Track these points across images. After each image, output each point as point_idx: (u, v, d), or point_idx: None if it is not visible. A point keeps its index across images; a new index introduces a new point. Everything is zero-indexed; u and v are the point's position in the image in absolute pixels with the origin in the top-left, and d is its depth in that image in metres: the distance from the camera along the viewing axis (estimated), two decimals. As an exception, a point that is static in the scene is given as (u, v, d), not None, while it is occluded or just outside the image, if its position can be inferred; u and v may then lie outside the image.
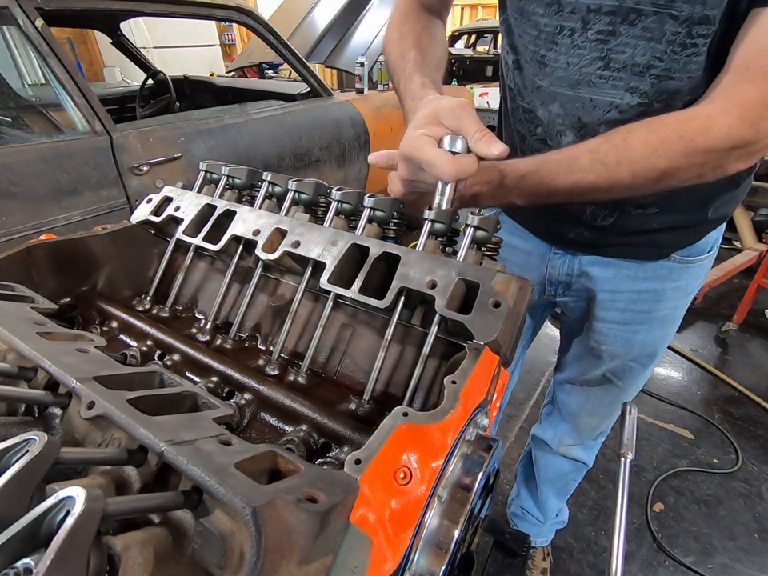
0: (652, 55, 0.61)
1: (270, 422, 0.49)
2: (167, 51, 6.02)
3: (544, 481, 1.34)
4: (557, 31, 0.65)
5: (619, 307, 0.88)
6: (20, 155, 1.54)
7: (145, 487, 0.32)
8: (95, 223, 0.86)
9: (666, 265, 0.83)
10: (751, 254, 2.95)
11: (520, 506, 1.47)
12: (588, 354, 0.98)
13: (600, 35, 0.62)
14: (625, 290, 0.86)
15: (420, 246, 0.58)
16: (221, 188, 0.72)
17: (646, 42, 0.61)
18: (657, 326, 0.90)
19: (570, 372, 1.08)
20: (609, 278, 0.86)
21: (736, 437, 1.96)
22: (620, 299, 0.87)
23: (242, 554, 0.26)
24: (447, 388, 0.39)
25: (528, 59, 0.72)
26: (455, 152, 0.54)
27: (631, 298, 0.87)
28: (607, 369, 0.98)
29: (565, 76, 0.68)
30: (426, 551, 0.33)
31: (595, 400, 1.08)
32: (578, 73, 0.66)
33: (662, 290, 0.85)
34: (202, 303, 0.70)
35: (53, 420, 0.39)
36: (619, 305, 0.88)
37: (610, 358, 0.95)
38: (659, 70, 0.62)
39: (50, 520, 0.22)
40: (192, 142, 1.95)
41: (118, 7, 1.89)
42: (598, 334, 0.93)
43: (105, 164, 1.71)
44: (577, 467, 1.27)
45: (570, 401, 1.13)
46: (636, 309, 0.88)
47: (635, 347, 0.93)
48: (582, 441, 1.18)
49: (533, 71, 0.72)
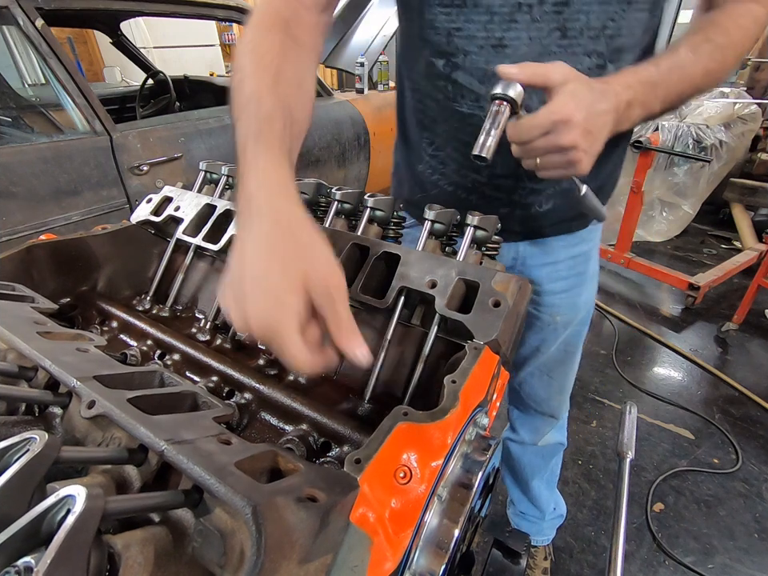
0: (606, 17, 0.65)
1: (269, 422, 0.49)
2: (167, 51, 6.01)
3: (532, 477, 1.35)
4: (515, 9, 0.65)
5: (562, 276, 0.94)
6: (20, 155, 1.54)
7: (145, 486, 0.32)
8: (95, 223, 0.86)
9: (588, 228, 0.91)
10: (751, 254, 2.95)
11: (518, 510, 1.47)
12: (545, 331, 1.02)
13: (556, 6, 0.64)
14: (563, 259, 0.92)
15: (420, 246, 0.59)
16: (221, 188, 0.72)
17: (599, 5, 0.64)
18: (590, 283, 1.00)
19: (531, 360, 1.10)
20: (548, 252, 0.92)
21: (736, 437, 1.96)
22: (561, 268, 0.93)
23: (242, 552, 0.26)
24: (447, 387, 0.39)
25: (475, 50, 0.69)
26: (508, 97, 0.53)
27: (569, 264, 0.93)
28: (563, 340, 1.03)
29: (528, 52, 0.68)
30: (426, 550, 0.34)
31: (559, 377, 1.12)
32: (539, 46, 0.66)
33: (589, 250, 0.95)
34: (202, 303, 0.70)
35: (53, 419, 0.39)
36: (562, 273, 0.93)
37: (564, 328, 1.01)
38: (612, 30, 0.66)
39: (51, 519, 0.22)
40: (192, 141, 1.95)
41: (118, 7, 1.89)
42: (551, 307, 0.97)
43: (105, 164, 1.71)
44: (557, 450, 1.31)
45: (536, 390, 1.15)
46: (575, 272, 0.95)
47: (581, 309, 1.00)
48: (558, 420, 1.23)
49: (486, 59, 0.69)
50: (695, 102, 2.96)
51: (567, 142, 0.55)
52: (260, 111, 0.49)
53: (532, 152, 0.58)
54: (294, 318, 0.37)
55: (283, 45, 0.57)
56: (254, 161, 0.45)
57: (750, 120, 2.92)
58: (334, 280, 0.40)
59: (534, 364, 1.09)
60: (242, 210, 0.44)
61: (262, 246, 0.40)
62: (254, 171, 0.45)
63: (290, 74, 0.56)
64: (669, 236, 3.08)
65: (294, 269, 0.39)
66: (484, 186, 0.79)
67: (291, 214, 0.42)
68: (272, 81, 0.52)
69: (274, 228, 0.41)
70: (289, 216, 0.42)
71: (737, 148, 2.86)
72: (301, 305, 0.38)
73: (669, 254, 3.54)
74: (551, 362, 1.07)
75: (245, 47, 0.57)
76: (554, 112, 0.54)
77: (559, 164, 0.58)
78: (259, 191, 0.43)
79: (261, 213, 0.42)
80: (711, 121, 2.76)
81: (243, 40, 0.58)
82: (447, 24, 0.68)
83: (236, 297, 0.40)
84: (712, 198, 3.09)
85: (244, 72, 0.54)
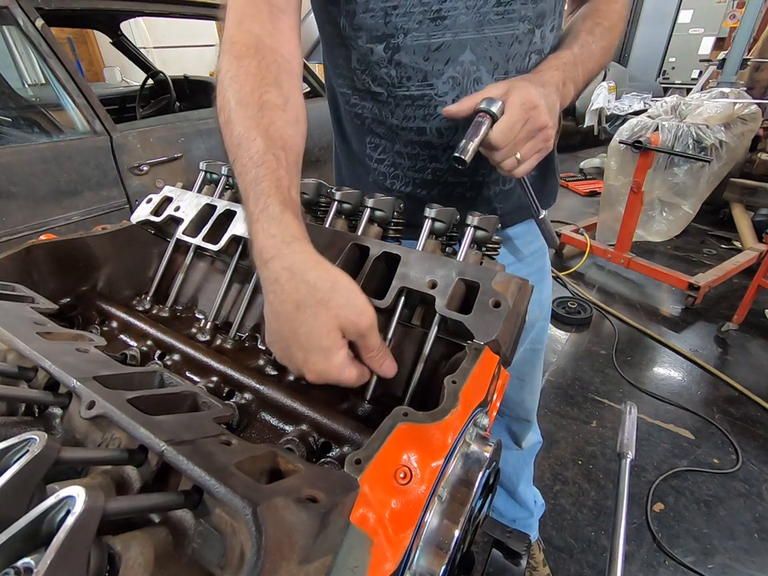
0: None
1: (270, 422, 0.49)
2: (167, 51, 6.02)
3: (519, 482, 1.34)
4: None
5: (525, 273, 0.94)
6: (20, 155, 1.54)
7: (145, 487, 0.32)
8: (95, 223, 0.86)
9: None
10: (751, 254, 2.95)
11: (509, 519, 1.44)
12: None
13: None
14: (525, 255, 0.94)
15: (420, 246, 0.59)
16: (221, 188, 0.72)
17: None
18: (548, 279, 1.01)
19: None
20: (512, 250, 0.93)
21: (736, 437, 1.96)
22: (523, 265, 0.94)
23: (242, 553, 0.26)
24: (447, 388, 0.39)
25: (415, 26, 0.68)
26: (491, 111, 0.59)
27: (529, 260, 0.94)
28: (530, 338, 1.03)
29: (468, 20, 0.68)
30: (426, 551, 0.33)
31: (529, 376, 1.12)
32: (477, 14, 0.68)
33: (542, 244, 0.97)
34: (202, 303, 0.70)
35: (53, 420, 0.39)
36: (524, 270, 0.94)
37: (531, 326, 1.01)
38: None
39: (51, 519, 0.22)
40: (192, 142, 1.95)
41: (118, 7, 1.89)
42: None
43: (105, 164, 1.71)
44: (536, 448, 1.32)
45: (508, 394, 1.14)
46: (535, 268, 0.96)
47: (544, 304, 1.01)
48: (533, 422, 1.23)
49: (427, 33, 0.68)
50: (695, 102, 2.96)
51: (542, 122, 0.61)
52: (252, 156, 0.50)
53: (515, 147, 0.62)
54: (343, 367, 0.44)
55: (259, 68, 0.56)
56: (256, 212, 0.47)
57: (750, 120, 2.92)
58: (363, 321, 0.44)
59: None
60: (257, 260, 0.47)
61: (288, 302, 0.43)
62: (261, 223, 0.47)
63: (273, 97, 0.54)
64: (669, 236, 3.08)
65: (325, 317, 0.42)
66: (445, 174, 0.79)
67: (303, 264, 0.44)
68: (256, 115, 0.52)
69: (291, 281, 0.43)
70: (301, 266, 0.44)
71: (737, 148, 2.86)
72: (345, 353, 0.44)
73: (669, 254, 3.55)
74: (520, 364, 1.06)
75: (224, 78, 0.56)
76: (523, 102, 0.59)
77: (538, 147, 0.64)
78: (268, 242, 0.46)
79: (275, 268, 0.44)
80: (711, 121, 2.76)
81: (221, 69, 0.57)
82: (382, 3, 0.67)
83: (284, 352, 0.46)
84: (712, 198, 3.09)
85: (228, 109, 0.54)
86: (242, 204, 0.50)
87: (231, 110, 0.53)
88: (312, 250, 0.46)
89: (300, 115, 0.58)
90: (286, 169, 0.51)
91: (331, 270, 0.45)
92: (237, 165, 0.51)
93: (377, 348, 0.46)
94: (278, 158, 0.50)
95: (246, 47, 0.57)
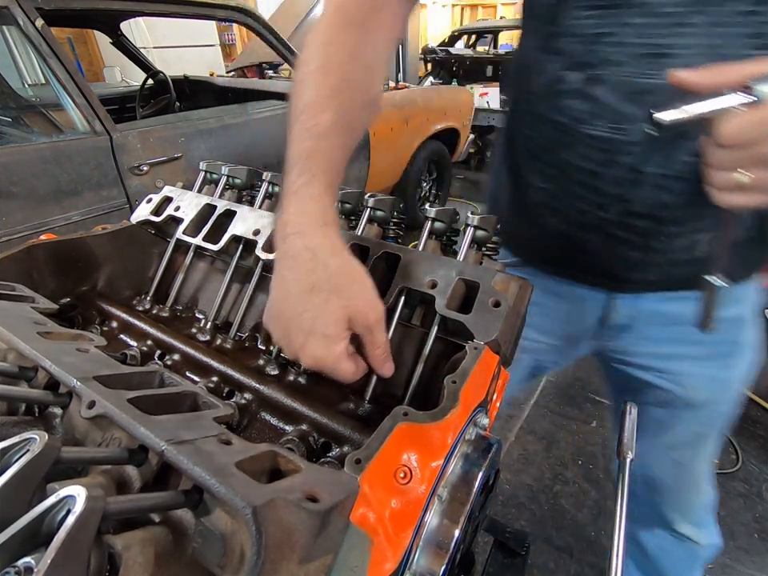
0: None
1: (270, 422, 0.49)
2: (167, 51, 6.03)
3: None
4: (691, 10, 0.51)
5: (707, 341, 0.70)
6: (20, 155, 1.54)
7: (145, 486, 0.32)
8: (95, 223, 0.86)
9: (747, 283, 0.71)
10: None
11: None
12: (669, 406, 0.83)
13: (747, 5, 0.49)
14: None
15: (420, 246, 0.59)
16: (221, 188, 0.72)
17: None
18: (740, 356, 0.78)
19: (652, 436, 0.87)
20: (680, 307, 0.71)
21: (736, 437, 1.96)
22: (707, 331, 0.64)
23: (242, 553, 0.26)
24: (447, 388, 0.39)
25: (623, 58, 0.56)
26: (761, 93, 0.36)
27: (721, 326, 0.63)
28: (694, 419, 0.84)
29: (699, 64, 0.47)
30: (426, 550, 0.34)
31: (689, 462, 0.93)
32: (717, 57, 0.50)
33: (744, 314, 0.74)
34: (202, 303, 0.70)
35: (53, 419, 0.39)
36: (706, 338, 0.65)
37: (702, 406, 0.82)
38: None
39: (51, 519, 0.22)
40: (192, 142, 1.95)
41: (118, 7, 1.89)
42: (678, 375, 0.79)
43: (105, 164, 1.71)
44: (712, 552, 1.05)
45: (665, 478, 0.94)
46: (723, 338, 0.73)
47: (726, 386, 0.80)
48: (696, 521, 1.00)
49: (637, 70, 0.55)
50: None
51: None
52: (316, 127, 0.48)
53: (749, 159, 0.41)
54: (343, 357, 0.42)
55: (356, 45, 0.54)
56: (297, 184, 0.46)
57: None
58: (373, 315, 0.43)
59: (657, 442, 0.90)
60: (279, 231, 0.45)
61: (303, 282, 0.42)
62: (297, 196, 0.45)
63: (357, 75, 0.53)
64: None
65: (336, 305, 0.42)
66: (611, 226, 0.63)
67: (327, 249, 0.44)
68: (334, 89, 0.50)
69: (311, 262, 0.43)
70: (325, 250, 0.43)
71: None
72: (346, 344, 0.43)
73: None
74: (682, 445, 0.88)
75: (316, 40, 0.54)
76: None
77: None
78: (299, 218, 0.44)
79: (297, 245, 0.44)
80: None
81: (317, 30, 0.55)
82: (592, 29, 0.57)
83: (284, 332, 0.44)
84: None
85: (307, 69, 0.52)
86: (286, 168, 0.48)
87: (308, 75, 0.52)
88: (340, 239, 0.45)
89: (378, 101, 0.58)
90: (343, 154, 0.49)
91: (352, 261, 0.45)
92: (295, 128, 0.49)
93: (383, 344, 0.46)
94: (340, 139, 0.49)
95: (351, 20, 0.55)
